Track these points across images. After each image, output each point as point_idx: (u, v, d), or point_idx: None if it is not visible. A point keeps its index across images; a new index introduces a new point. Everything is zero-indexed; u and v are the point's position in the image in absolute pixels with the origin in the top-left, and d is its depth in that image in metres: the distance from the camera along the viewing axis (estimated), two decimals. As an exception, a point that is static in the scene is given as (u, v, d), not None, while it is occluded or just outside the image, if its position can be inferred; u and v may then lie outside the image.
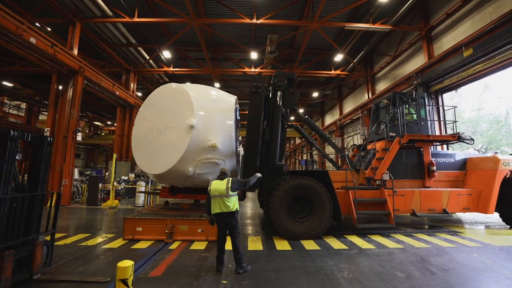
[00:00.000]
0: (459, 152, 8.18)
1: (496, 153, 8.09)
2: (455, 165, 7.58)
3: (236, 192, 4.00)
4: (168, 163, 5.60)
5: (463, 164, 7.58)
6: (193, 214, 6.19)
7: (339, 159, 13.30)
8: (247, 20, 12.01)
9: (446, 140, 7.34)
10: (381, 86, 16.54)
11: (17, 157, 3.49)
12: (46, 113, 27.33)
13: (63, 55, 10.01)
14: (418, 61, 12.60)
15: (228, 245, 3.96)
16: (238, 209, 3.99)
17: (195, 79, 21.51)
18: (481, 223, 7.69)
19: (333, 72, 17.65)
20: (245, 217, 8.73)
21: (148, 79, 19.72)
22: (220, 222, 3.92)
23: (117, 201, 10.95)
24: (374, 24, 12.04)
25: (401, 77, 13.68)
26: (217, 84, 19.82)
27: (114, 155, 11.19)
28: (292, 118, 10.38)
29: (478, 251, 4.95)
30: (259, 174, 4.49)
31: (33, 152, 3.71)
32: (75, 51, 11.32)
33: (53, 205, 3.85)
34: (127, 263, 2.19)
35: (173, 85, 6.21)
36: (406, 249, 5.09)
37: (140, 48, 15.12)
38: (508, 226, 7.01)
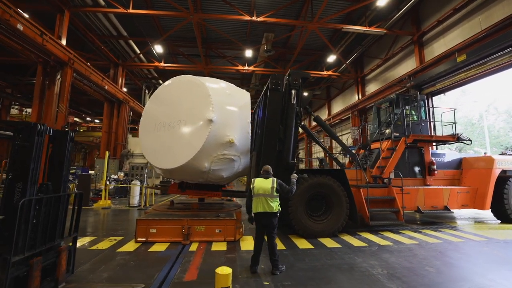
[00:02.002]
0: (448, 151, 8.67)
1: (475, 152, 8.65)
2: (451, 164, 8.01)
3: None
4: (182, 157, 5.35)
5: (459, 164, 8.03)
6: (208, 214, 6.01)
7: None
8: (247, 17, 11.86)
9: (446, 140, 7.73)
10: (371, 88, 17.12)
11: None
12: (18, 107, 25.26)
13: (52, 45, 9.27)
14: (409, 65, 13.18)
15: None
16: (280, 210, 3.89)
17: (185, 76, 20.93)
18: (473, 218, 8.19)
19: (325, 72, 17.99)
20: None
21: (136, 74, 18.88)
22: (260, 221, 3.81)
23: (109, 201, 10.35)
24: (370, 27, 12.41)
25: (391, 80, 14.26)
26: (208, 82, 19.43)
27: (107, 153, 10.57)
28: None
29: (486, 245, 5.26)
30: (295, 177, 4.38)
31: (54, 148, 3.36)
32: (63, 41, 10.53)
33: (76, 206, 3.52)
34: (227, 270, 2.02)
35: (188, 77, 5.97)
36: (421, 245, 5.28)
37: (131, 41, 14.41)
38: (499, 221, 7.52)
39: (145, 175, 11.49)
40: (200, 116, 5.36)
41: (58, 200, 3.18)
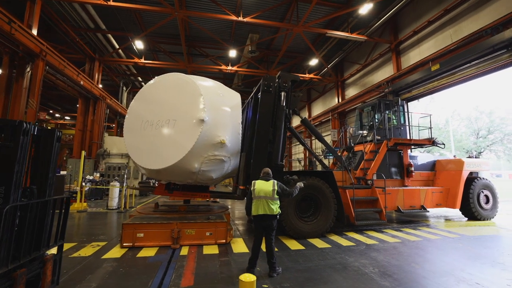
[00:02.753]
0: (421, 154, 9.30)
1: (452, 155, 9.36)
2: (426, 166, 8.58)
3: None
4: (171, 158, 5.17)
5: (433, 166, 8.62)
6: (197, 216, 5.87)
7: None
8: (233, 17, 11.78)
9: (423, 144, 8.25)
10: (350, 92, 17.80)
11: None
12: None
13: (22, 34, 8.52)
14: (387, 71, 13.90)
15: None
16: (280, 212, 3.90)
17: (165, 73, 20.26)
18: (443, 216, 8.82)
19: (307, 75, 18.38)
20: (234, 218, 8.56)
21: (113, 69, 17.94)
22: (259, 224, 3.79)
23: (85, 204, 9.72)
24: (352, 34, 12.90)
25: (370, 85, 14.93)
26: (190, 80, 19.01)
27: (83, 152, 9.92)
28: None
29: (460, 241, 5.69)
30: (301, 185, 4.41)
31: (38, 148, 3.09)
32: (34, 32, 9.71)
33: (62, 210, 3.26)
34: (251, 278, 1.95)
35: (178, 75, 5.79)
36: (404, 243, 5.59)
37: (109, 35, 13.67)
38: (466, 219, 8.17)
39: (125, 176, 10.94)
40: (191, 115, 5.22)
41: (44, 205, 2.92)
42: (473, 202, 7.72)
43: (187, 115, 5.26)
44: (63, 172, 13.61)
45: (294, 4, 12.52)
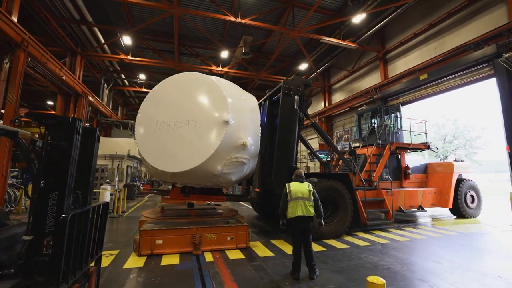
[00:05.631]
0: (412, 157, 9.94)
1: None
2: (419, 169, 9.17)
3: None
4: (194, 160, 4.94)
5: (425, 168, 9.24)
6: (214, 220, 5.68)
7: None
8: (231, 18, 11.66)
9: (419, 148, 8.83)
10: (337, 97, 18.47)
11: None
12: None
13: (2, 21, 7.65)
14: (374, 78, 14.66)
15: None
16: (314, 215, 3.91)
17: (152, 72, 19.44)
18: (432, 216, 9.46)
19: (295, 79, 18.72)
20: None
21: (95, 65, 16.80)
22: (296, 226, 3.77)
23: (72, 210, 8.92)
24: (344, 41, 13.42)
25: (357, 91, 15.64)
26: (178, 79, 18.43)
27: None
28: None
29: (460, 238, 6.15)
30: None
31: (81, 149, 2.79)
32: (14, 19, 8.77)
33: (100, 219, 2.97)
34: (379, 280, 1.90)
35: (196, 74, 5.61)
36: (413, 241, 5.90)
37: (95, 29, 12.78)
38: (455, 217, 8.85)
39: (116, 179, 10.26)
40: (214, 117, 5.06)
41: (87, 212, 2.64)
42: (461, 202, 8.40)
43: (210, 117, 5.09)
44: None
45: (290, 8, 12.73)
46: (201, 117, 5.13)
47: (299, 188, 3.86)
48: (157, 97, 5.62)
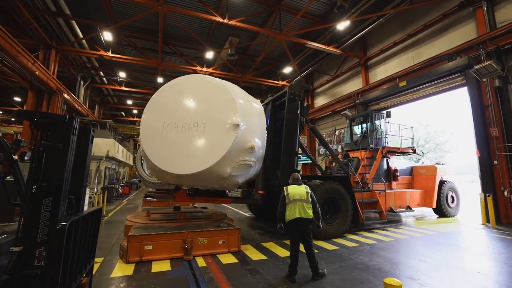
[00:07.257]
0: (398, 160, 10.44)
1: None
2: (406, 172, 9.66)
3: None
4: (204, 162, 4.80)
5: (411, 171, 9.74)
6: (205, 224, 5.56)
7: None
8: (219, 19, 11.57)
9: (407, 152, 9.30)
10: (320, 101, 18.93)
11: (25, 157, 2.44)
12: None
13: (-30, 9, 6.99)
14: (356, 84, 15.21)
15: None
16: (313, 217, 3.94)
17: (133, 70, 18.71)
18: (414, 216, 9.94)
19: (279, 82, 18.98)
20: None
21: (72, 61, 15.85)
22: (294, 229, 3.78)
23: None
24: (328, 46, 13.81)
25: (340, 95, 16.15)
26: (160, 79, 17.96)
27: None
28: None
29: (438, 237, 6.53)
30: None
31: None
32: (-18, 7, 8.06)
33: (93, 226, 2.77)
34: (396, 282, 1.90)
35: (205, 77, 5.55)
36: (397, 241, 6.16)
37: (73, 22, 12.07)
38: (437, 216, 9.37)
39: (96, 181, 9.71)
40: (224, 119, 4.98)
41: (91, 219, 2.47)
42: (443, 201, 8.96)
43: (220, 119, 5.00)
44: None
45: (277, 12, 12.88)
46: (210, 120, 5.02)
47: (297, 190, 3.89)
48: (164, 97, 5.44)
